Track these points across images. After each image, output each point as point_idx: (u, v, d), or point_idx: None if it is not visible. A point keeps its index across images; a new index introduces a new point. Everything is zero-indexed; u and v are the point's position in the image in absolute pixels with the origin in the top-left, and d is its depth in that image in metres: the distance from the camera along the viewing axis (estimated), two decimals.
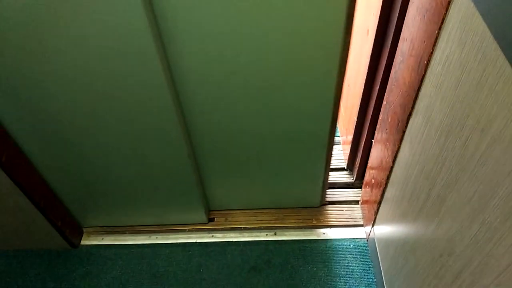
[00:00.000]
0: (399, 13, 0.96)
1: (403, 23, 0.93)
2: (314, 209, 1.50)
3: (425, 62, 0.79)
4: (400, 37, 0.95)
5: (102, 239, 1.52)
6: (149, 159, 1.23)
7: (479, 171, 0.62)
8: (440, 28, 0.72)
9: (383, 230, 1.21)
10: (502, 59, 0.54)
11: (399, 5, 0.95)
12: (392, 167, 1.07)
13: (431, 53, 0.77)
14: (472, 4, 0.61)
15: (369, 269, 1.33)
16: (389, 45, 1.04)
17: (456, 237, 0.70)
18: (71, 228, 1.46)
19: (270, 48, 0.96)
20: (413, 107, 0.89)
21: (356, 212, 1.49)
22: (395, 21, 0.98)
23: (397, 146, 1.00)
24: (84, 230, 1.55)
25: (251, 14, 0.88)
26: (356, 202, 1.51)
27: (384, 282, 1.20)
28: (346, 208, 1.51)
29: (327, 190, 1.50)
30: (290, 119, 1.15)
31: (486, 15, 0.57)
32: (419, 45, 0.83)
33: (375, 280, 1.30)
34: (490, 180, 0.59)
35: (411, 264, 0.96)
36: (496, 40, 0.55)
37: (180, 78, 1.03)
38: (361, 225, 1.46)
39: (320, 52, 0.96)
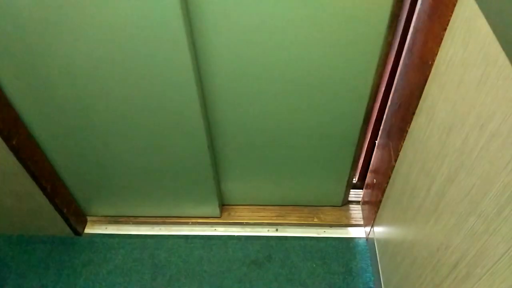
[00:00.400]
0: (407, 16, 0.98)
1: (410, 26, 0.96)
2: (316, 208, 1.53)
3: (430, 62, 0.82)
4: (407, 39, 0.98)
5: (106, 228, 1.55)
6: (167, 149, 1.24)
7: (477, 165, 0.65)
8: (445, 29, 0.75)
9: (383, 229, 1.24)
10: (503, 58, 0.57)
11: (407, 8, 0.97)
12: (394, 167, 1.09)
13: (436, 53, 0.80)
14: (476, 6, 0.64)
15: (367, 268, 1.36)
16: (396, 47, 1.07)
17: (453, 231, 0.73)
18: (75, 216, 1.49)
19: (307, 44, 0.96)
20: (416, 107, 0.92)
21: (357, 212, 1.52)
22: (403, 23, 1.01)
23: (399, 146, 1.03)
24: (88, 218, 1.58)
25: (286, 5, 0.89)
26: (357, 202, 1.54)
27: (382, 280, 1.22)
28: (347, 208, 1.53)
29: None
30: (321, 117, 1.16)
31: (490, 17, 0.60)
32: (425, 46, 0.86)
33: (373, 278, 1.33)
34: (488, 174, 0.61)
35: (408, 261, 0.98)
36: (498, 40, 0.58)
37: (207, 69, 1.04)
38: (361, 225, 1.48)
39: (360, 49, 0.97)
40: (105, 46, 0.95)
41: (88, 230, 1.55)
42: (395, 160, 1.07)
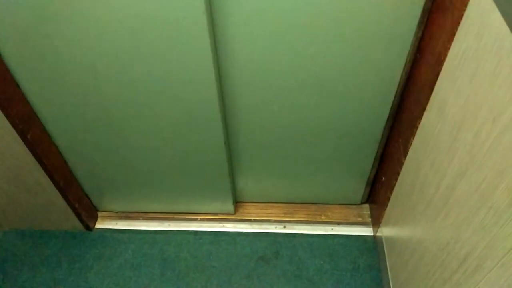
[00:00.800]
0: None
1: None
2: (324, 206, 1.53)
3: (442, 57, 0.83)
4: (422, 36, 0.98)
5: (116, 223, 1.56)
6: (184, 146, 1.24)
7: (489, 159, 0.65)
8: (458, 24, 0.76)
9: (391, 226, 1.24)
10: None
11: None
12: (403, 164, 1.10)
13: (448, 48, 0.80)
14: (490, 0, 0.65)
15: (375, 265, 1.36)
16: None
17: (463, 225, 0.73)
18: (87, 211, 1.51)
19: (332, 39, 0.96)
20: (427, 103, 0.92)
21: (365, 210, 1.52)
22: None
23: (409, 142, 1.04)
24: (99, 214, 1.60)
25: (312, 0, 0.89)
26: (366, 201, 1.54)
27: (390, 276, 1.22)
28: (355, 207, 1.53)
29: None
30: (344, 114, 1.15)
31: (504, 10, 0.61)
32: (437, 41, 0.86)
33: (380, 275, 1.33)
34: (499, 167, 0.62)
35: (417, 257, 0.99)
36: (511, 34, 0.59)
37: (226, 65, 1.04)
38: (369, 222, 1.48)
39: (389, 45, 0.97)
40: (125, 40, 0.95)
41: (99, 225, 1.57)
42: (405, 157, 1.08)
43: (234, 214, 1.54)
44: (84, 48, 0.98)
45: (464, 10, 0.74)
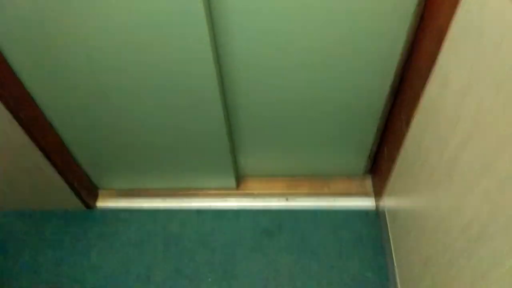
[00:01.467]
0: None
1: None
2: (326, 178, 1.54)
3: (445, 28, 0.81)
4: (424, 8, 0.95)
5: (117, 201, 1.57)
6: (183, 121, 1.23)
7: (493, 126, 0.65)
8: None
9: (393, 198, 1.25)
10: None
11: None
12: (405, 135, 1.09)
13: (451, 19, 0.79)
14: None
15: (377, 236, 1.38)
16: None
17: (466, 193, 0.73)
18: (87, 190, 1.51)
19: (332, 12, 0.94)
20: (429, 75, 0.91)
21: (368, 182, 1.52)
22: None
23: (412, 114, 1.03)
24: (100, 192, 1.60)
25: None
26: (369, 172, 1.54)
27: (392, 247, 1.24)
28: (357, 178, 1.54)
29: None
30: (344, 88, 1.14)
31: None
32: (439, 12, 0.84)
33: (383, 245, 1.34)
34: (504, 134, 0.61)
35: (419, 227, 1.00)
36: None
37: (224, 40, 1.02)
38: (372, 195, 1.49)
39: (389, 18, 0.95)
40: (122, 23, 0.94)
41: (100, 203, 1.57)
42: (407, 129, 1.07)
43: (236, 189, 1.54)
44: (79, 29, 0.96)
45: None
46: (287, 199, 1.50)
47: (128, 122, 1.25)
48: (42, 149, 1.25)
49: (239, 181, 1.56)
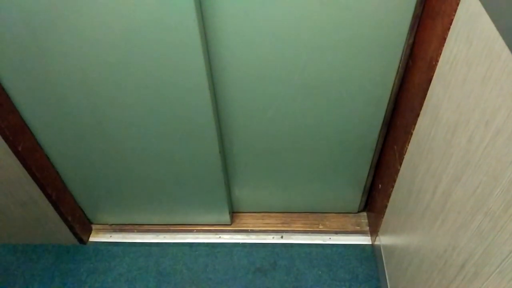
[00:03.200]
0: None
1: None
2: (321, 215, 1.52)
3: (434, 63, 0.82)
4: (414, 42, 0.97)
5: (110, 236, 1.54)
6: (178, 155, 1.23)
7: (483, 163, 0.64)
8: (448, 29, 0.75)
9: (388, 234, 1.22)
10: (506, 53, 0.57)
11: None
12: (399, 170, 1.09)
13: (440, 53, 0.80)
14: (479, 4, 0.64)
15: (374, 274, 1.34)
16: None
17: (460, 230, 0.72)
18: (80, 224, 1.49)
19: (325, 46, 0.96)
20: (421, 108, 0.91)
21: (363, 219, 1.50)
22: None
23: (404, 148, 1.03)
24: (93, 227, 1.58)
25: (304, 8, 0.89)
26: (363, 209, 1.53)
27: (389, 286, 1.20)
28: (352, 215, 1.52)
29: None
30: (338, 121, 1.15)
31: (493, 14, 0.60)
32: (428, 47, 0.86)
33: (379, 284, 1.31)
34: (494, 171, 0.61)
35: (415, 265, 0.97)
36: (501, 36, 0.58)
37: (220, 73, 1.03)
38: (367, 231, 1.47)
39: (380, 52, 0.97)
40: (117, 50, 0.95)
41: (93, 238, 1.54)
42: (400, 164, 1.07)
43: (230, 224, 1.52)
44: (75, 58, 0.98)
45: (454, 15, 0.73)
46: (282, 237, 1.48)
47: (123, 155, 1.25)
48: (37, 182, 1.24)
49: (233, 216, 1.54)
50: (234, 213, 1.55)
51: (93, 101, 1.08)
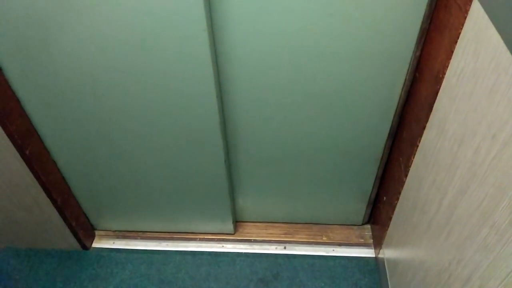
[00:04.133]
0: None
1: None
2: (325, 226, 1.51)
3: (441, 75, 0.83)
4: (421, 55, 0.98)
5: (113, 243, 1.54)
6: (184, 164, 1.24)
7: (489, 176, 0.64)
8: (456, 42, 0.76)
9: (393, 247, 1.21)
10: None
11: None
12: (404, 183, 1.08)
13: (447, 66, 0.80)
14: (487, 17, 0.65)
15: (377, 287, 1.33)
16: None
17: (466, 243, 0.71)
18: (84, 230, 1.49)
19: (332, 58, 0.97)
20: (427, 121, 0.92)
21: (367, 231, 1.49)
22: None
23: (410, 161, 1.03)
24: (96, 233, 1.58)
25: (312, 18, 0.90)
26: (368, 221, 1.52)
27: None
28: (357, 227, 1.51)
29: None
30: (344, 132, 1.15)
31: (500, 27, 0.61)
32: (435, 60, 0.86)
33: None
34: (500, 184, 0.61)
35: (419, 278, 0.96)
36: (509, 49, 0.59)
37: (227, 84, 1.05)
38: (371, 243, 1.46)
39: (387, 64, 0.98)
40: (127, 58, 0.96)
41: (96, 244, 1.55)
42: (406, 176, 1.07)
43: (234, 234, 1.51)
44: (84, 64, 0.99)
45: (461, 28, 0.74)
46: (285, 247, 1.47)
47: (129, 162, 1.26)
48: (43, 186, 1.25)
49: (237, 226, 1.53)
50: (237, 222, 1.54)
51: (101, 108, 1.09)
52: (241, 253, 1.47)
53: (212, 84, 1.00)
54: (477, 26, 0.69)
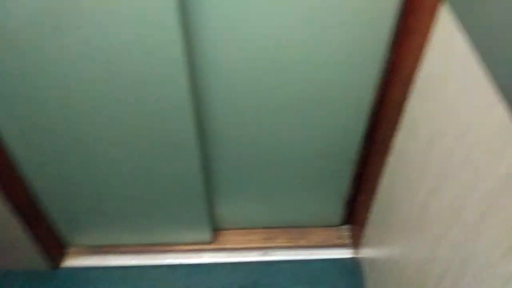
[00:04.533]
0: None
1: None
2: (304, 229, 1.51)
3: (411, 78, 0.84)
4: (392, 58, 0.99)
5: (86, 259, 1.49)
6: (157, 173, 1.21)
7: (458, 175, 0.65)
8: (425, 45, 0.77)
9: (370, 248, 1.22)
10: (480, 69, 0.58)
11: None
12: (379, 183, 1.09)
13: (416, 68, 0.82)
14: (455, 21, 0.66)
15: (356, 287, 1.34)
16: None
17: (438, 242, 0.72)
18: (54, 248, 1.43)
19: (305, 61, 0.98)
20: (399, 122, 0.93)
21: (345, 231, 1.50)
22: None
23: (384, 161, 1.04)
24: (68, 250, 1.52)
25: (286, 21, 0.90)
26: (346, 222, 1.52)
27: None
28: (335, 229, 1.52)
29: None
30: (319, 133, 1.16)
31: (469, 31, 0.62)
32: (406, 63, 0.88)
33: None
34: (468, 183, 0.62)
35: (396, 277, 0.97)
36: (476, 52, 0.59)
37: (202, 88, 1.04)
38: (350, 245, 1.46)
39: (360, 67, 0.99)
40: (97, 65, 0.94)
41: (67, 262, 1.49)
42: (381, 176, 1.07)
43: (212, 243, 1.49)
44: (53, 72, 0.96)
45: (430, 31, 0.75)
46: (264, 254, 1.46)
47: (101, 172, 1.22)
48: (11, 201, 1.18)
49: (215, 234, 1.51)
50: (216, 230, 1.52)
51: (70, 115, 1.06)
52: (220, 262, 1.45)
53: (186, 92, 0.99)
54: (446, 29, 0.70)
